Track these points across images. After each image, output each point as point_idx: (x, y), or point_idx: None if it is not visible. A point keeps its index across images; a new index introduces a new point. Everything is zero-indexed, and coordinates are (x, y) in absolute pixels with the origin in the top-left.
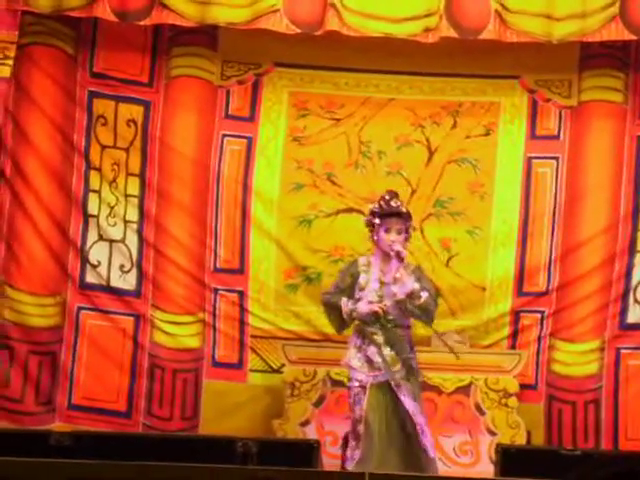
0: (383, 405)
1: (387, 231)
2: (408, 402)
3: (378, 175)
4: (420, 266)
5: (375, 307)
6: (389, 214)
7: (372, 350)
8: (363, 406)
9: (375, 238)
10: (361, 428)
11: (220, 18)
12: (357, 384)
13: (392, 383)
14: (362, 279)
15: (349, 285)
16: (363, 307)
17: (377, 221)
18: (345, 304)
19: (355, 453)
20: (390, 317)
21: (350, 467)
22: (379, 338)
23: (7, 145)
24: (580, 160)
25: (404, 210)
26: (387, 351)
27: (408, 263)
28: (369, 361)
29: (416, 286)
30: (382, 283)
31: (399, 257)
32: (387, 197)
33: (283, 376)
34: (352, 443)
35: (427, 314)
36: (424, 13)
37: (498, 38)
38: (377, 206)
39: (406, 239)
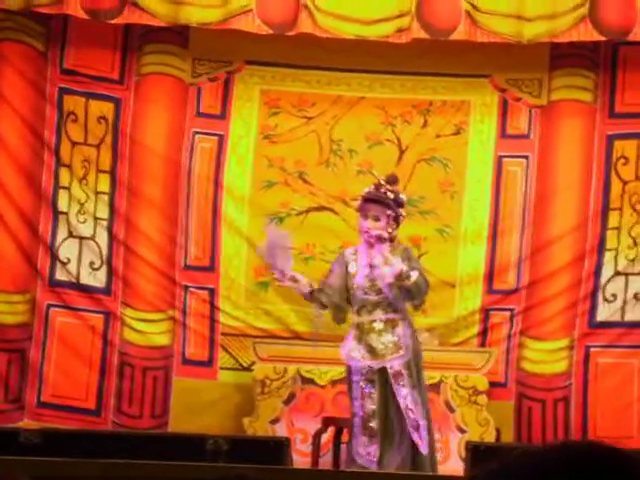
0: (384, 397)
1: (364, 217)
2: (404, 393)
3: (349, 174)
4: (408, 247)
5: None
6: (367, 200)
7: (372, 337)
8: (375, 400)
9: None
10: (375, 424)
11: (192, 18)
12: (363, 377)
13: (389, 372)
14: (352, 268)
15: (340, 275)
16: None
17: (359, 205)
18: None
19: (371, 449)
20: (386, 302)
21: (374, 466)
22: (378, 325)
23: None
24: (550, 159)
25: (389, 196)
26: (388, 337)
27: (397, 244)
28: (371, 350)
29: (403, 267)
30: (372, 267)
31: (379, 239)
32: (381, 182)
33: (253, 374)
34: (362, 439)
35: (417, 295)
36: (396, 14)
37: (469, 38)
38: (366, 190)
39: (390, 226)
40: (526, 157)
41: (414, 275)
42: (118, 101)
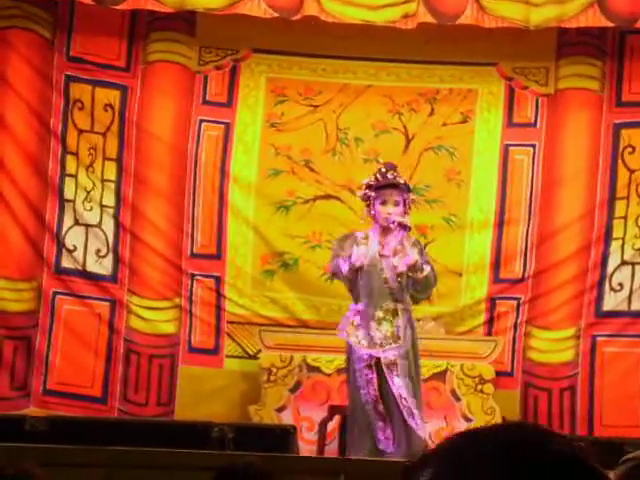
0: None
1: (383, 203)
2: (397, 382)
3: (355, 162)
4: (419, 240)
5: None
6: (384, 186)
7: (372, 326)
8: (375, 385)
9: (372, 212)
10: (382, 407)
11: (198, 4)
12: (363, 364)
13: (383, 361)
14: (362, 250)
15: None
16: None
17: (373, 194)
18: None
19: (387, 433)
20: (389, 291)
21: (391, 449)
22: (379, 313)
23: None
24: (557, 148)
25: (401, 181)
26: (387, 327)
27: (408, 235)
28: (369, 338)
29: (418, 258)
30: (382, 256)
31: (403, 227)
32: (383, 169)
33: (259, 362)
34: (379, 424)
35: (427, 289)
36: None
37: (475, 23)
38: (372, 178)
39: (406, 211)
40: (533, 146)
41: (427, 269)
42: (125, 89)
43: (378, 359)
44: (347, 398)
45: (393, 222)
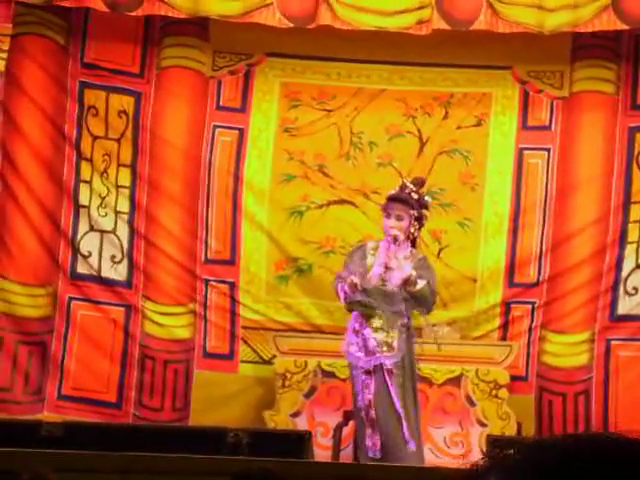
0: (378, 388)
1: (387, 216)
2: (394, 391)
3: (369, 166)
4: (426, 257)
5: (353, 279)
6: (392, 199)
7: (368, 333)
8: (372, 390)
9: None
10: (373, 413)
11: (212, 11)
12: (362, 370)
13: (384, 368)
14: (369, 262)
15: (361, 265)
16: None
17: (384, 205)
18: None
19: (375, 439)
20: (388, 301)
21: (378, 455)
22: (375, 322)
23: None
24: (571, 151)
25: (414, 197)
26: (382, 336)
27: (415, 252)
28: (365, 345)
29: (413, 273)
30: (388, 268)
31: (394, 240)
32: (406, 183)
33: (274, 367)
34: (367, 430)
35: (423, 303)
36: (416, 6)
37: (490, 29)
38: (392, 191)
39: (412, 226)
40: (547, 149)
41: (421, 283)
42: (139, 95)
43: (378, 365)
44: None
45: (390, 235)
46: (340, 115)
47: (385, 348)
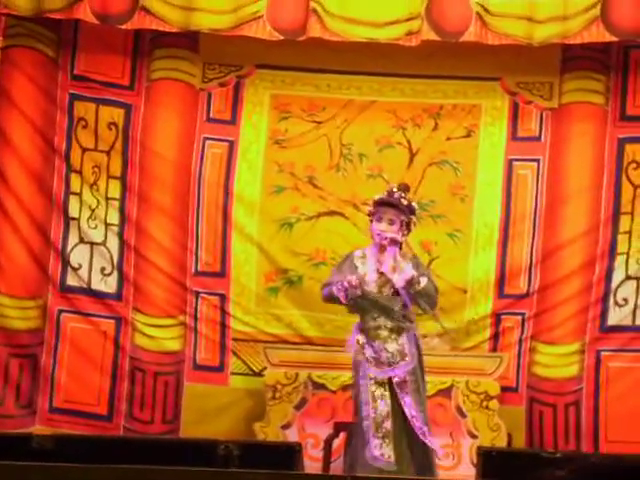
0: (391, 402)
1: (378, 220)
2: (408, 401)
3: (359, 178)
4: (417, 255)
5: (351, 281)
6: (383, 203)
7: (378, 345)
8: (388, 402)
9: (371, 228)
10: (389, 424)
11: (203, 24)
12: (371, 381)
13: (394, 380)
14: (360, 271)
15: (348, 272)
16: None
17: (372, 209)
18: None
19: (386, 451)
20: (391, 308)
21: (393, 467)
22: (383, 332)
23: None
24: (561, 162)
25: (404, 202)
26: (394, 345)
27: (405, 252)
28: (376, 358)
29: (414, 272)
30: (380, 274)
31: (394, 242)
32: (393, 189)
33: (264, 379)
34: (376, 441)
35: (429, 299)
36: (406, 17)
37: (479, 40)
38: (378, 196)
39: (401, 231)
40: (537, 160)
41: (424, 281)
42: (128, 107)
43: (389, 378)
44: (353, 413)
45: (385, 239)
46: (330, 127)
47: (399, 358)
